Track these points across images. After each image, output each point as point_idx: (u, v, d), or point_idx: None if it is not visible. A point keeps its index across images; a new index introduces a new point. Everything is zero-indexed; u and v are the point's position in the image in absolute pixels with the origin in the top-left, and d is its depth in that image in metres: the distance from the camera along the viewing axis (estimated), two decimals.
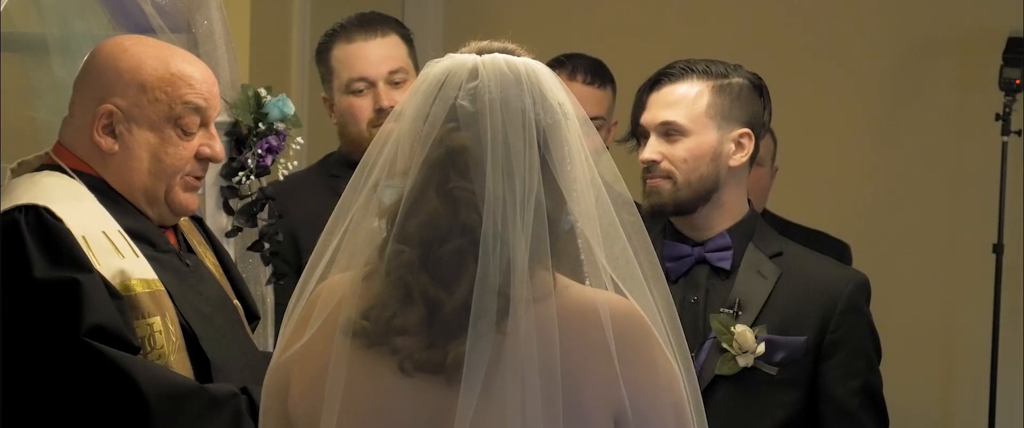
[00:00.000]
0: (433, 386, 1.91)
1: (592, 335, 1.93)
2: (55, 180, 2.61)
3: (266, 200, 3.33)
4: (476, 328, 1.89)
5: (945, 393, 5.42)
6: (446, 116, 1.94)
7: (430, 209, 1.92)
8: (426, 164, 1.93)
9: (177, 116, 2.63)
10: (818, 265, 2.95)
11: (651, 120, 2.90)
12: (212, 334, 2.63)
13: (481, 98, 1.94)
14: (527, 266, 1.90)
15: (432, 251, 1.91)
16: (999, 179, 4.86)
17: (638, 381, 1.94)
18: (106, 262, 2.51)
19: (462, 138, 1.93)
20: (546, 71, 2.00)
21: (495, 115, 1.93)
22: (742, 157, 2.91)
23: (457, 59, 1.99)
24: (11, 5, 2.92)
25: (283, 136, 3.32)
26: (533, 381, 1.89)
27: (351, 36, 3.59)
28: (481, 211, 1.90)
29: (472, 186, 1.91)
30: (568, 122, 1.98)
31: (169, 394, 2.45)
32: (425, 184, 1.93)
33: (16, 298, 2.46)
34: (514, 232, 1.90)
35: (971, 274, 5.18)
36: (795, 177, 4.59)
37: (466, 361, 1.88)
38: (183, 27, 3.26)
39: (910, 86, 5.38)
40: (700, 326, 2.85)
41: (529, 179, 1.92)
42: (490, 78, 1.95)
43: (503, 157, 1.92)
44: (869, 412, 2.88)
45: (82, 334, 2.42)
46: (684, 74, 2.90)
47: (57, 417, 2.47)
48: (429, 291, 1.91)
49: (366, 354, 1.93)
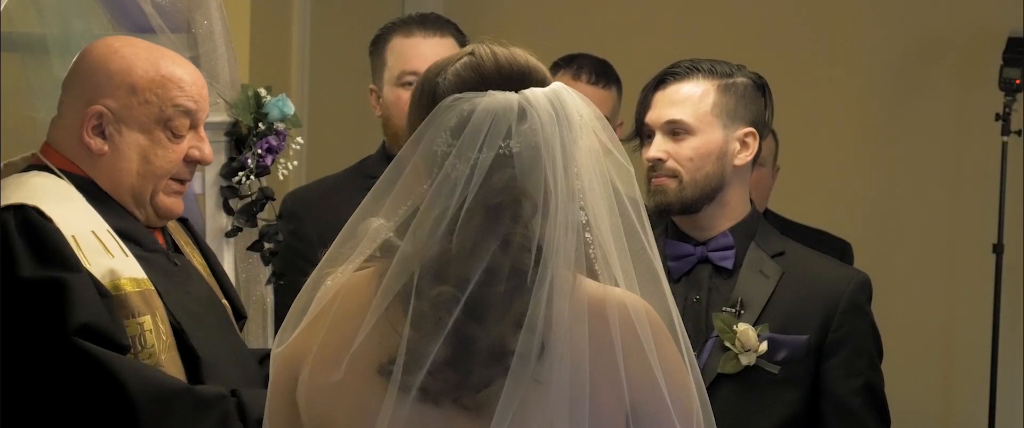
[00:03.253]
0: (461, 418, 1.91)
1: (606, 332, 1.93)
2: (44, 180, 2.61)
3: (266, 200, 3.33)
4: (515, 369, 1.88)
5: (945, 393, 5.43)
6: (499, 162, 1.93)
7: (485, 253, 1.90)
8: (482, 210, 1.91)
9: (167, 119, 2.63)
10: (820, 264, 2.95)
11: (657, 119, 2.89)
12: (202, 333, 2.63)
13: (535, 142, 1.94)
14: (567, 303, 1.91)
15: (480, 292, 1.90)
16: (999, 179, 4.87)
17: (650, 378, 1.94)
18: (96, 261, 2.51)
19: (521, 186, 1.92)
20: (567, 92, 2.01)
21: (551, 158, 1.93)
22: (747, 156, 2.91)
23: (500, 100, 1.96)
24: (11, 5, 2.92)
25: (283, 136, 3.32)
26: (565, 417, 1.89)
27: (410, 31, 3.61)
28: (531, 252, 1.91)
29: (527, 231, 1.91)
30: (584, 133, 1.99)
31: (157, 394, 2.45)
32: (481, 231, 1.91)
33: (3, 298, 2.45)
34: (560, 271, 1.91)
35: (971, 274, 5.19)
36: (795, 177, 4.59)
37: (501, 400, 1.88)
38: (183, 27, 3.26)
39: (910, 86, 5.38)
40: (702, 325, 2.85)
41: (573, 215, 1.94)
42: (538, 119, 1.95)
43: (554, 200, 1.93)
44: (871, 411, 2.88)
45: (70, 333, 2.42)
46: (689, 73, 2.90)
47: (44, 416, 2.46)
48: (463, 328, 1.90)
49: (396, 391, 1.92)
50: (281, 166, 3.39)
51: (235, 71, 3.32)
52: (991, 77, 4.90)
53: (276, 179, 3.44)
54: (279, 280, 3.38)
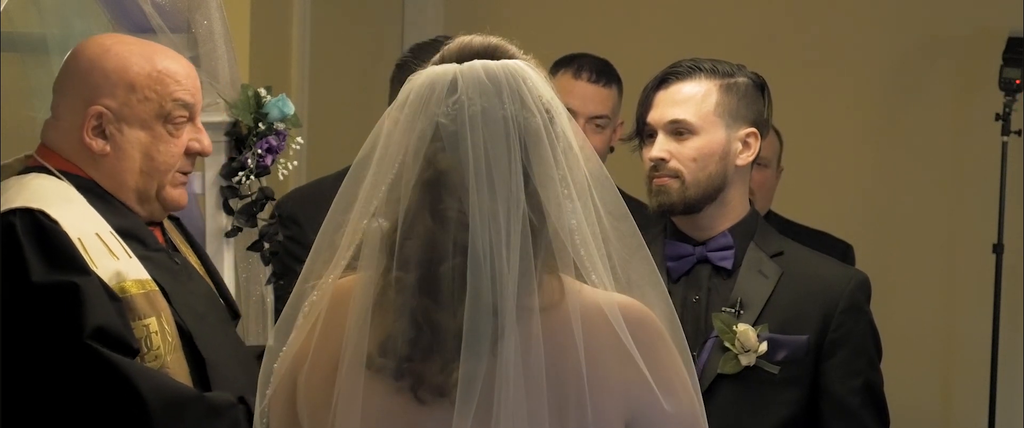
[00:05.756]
0: (444, 411, 1.89)
1: (605, 337, 1.92)
2: (44, 182, 2.60)
3: (266, 200, 3.33)
4: (471, 349, 1.87)
5: (945, 393, 5.42)
6: (432, 134, 1.92)
7: (425, 230, 1.90)
8: (418, 185, 1.91)
9: (167, 113, 2.63)
10: (819, 264, 2.95)
11: (659, 118, 2.89)
12: (206, 333, 2.63)
13: (461, 114, 1.91)
14: (517, 281, 1.88)
15: (430, 273, 1.89)
16: (999, 179, 4.86)
17: (651, 382, 1.93)
18: (102, 264, 2.50)
19: (447, 159, 1.91)
20: (528, 71, 1.97)
21: (476, 131, 1.90)
22: (748, 157, 2.91)
23: (437, 71, 1.96)
24: (11, 5, 2.92)
25: (283, 136, 3.32)
26: (541, 397, 1.87)
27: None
28: (470, 231, 1.88)
29: (460, 205, 1.89)
30: (555, 121, 1.95)
31: (170, 401, 2.45)
32: (419, 206, 1.91)
33: (15, 303, 2.44)
34: (502, 248, 1.88)
35: (971, 274, 5.19)
36: (795, 177, 4.59)
37: (459, 383, 1.86)
38: (183, 27, 3.26)
39: (910, 86, 5.38)
40: (702, 325, 2.84)
41: (515, 191, 1.90)
42: (470, 89, 1.92)
43: (486, 174, 1.89)
44: (870, 410, 2.88)
45: (86, 337, 2.40)
46: (691, 73, 2.90)
47: (55, 421, 2.45)
48: (431, 315, 1.90)
49: (382, 385, 1.92)
50: (281, 166, 3.38)
51: (235, 71, 3.32)
52: (991, 77, 4.90)
53: (276, 179, 3.44)
54: (278, 280, 3.38)
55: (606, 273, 1.96)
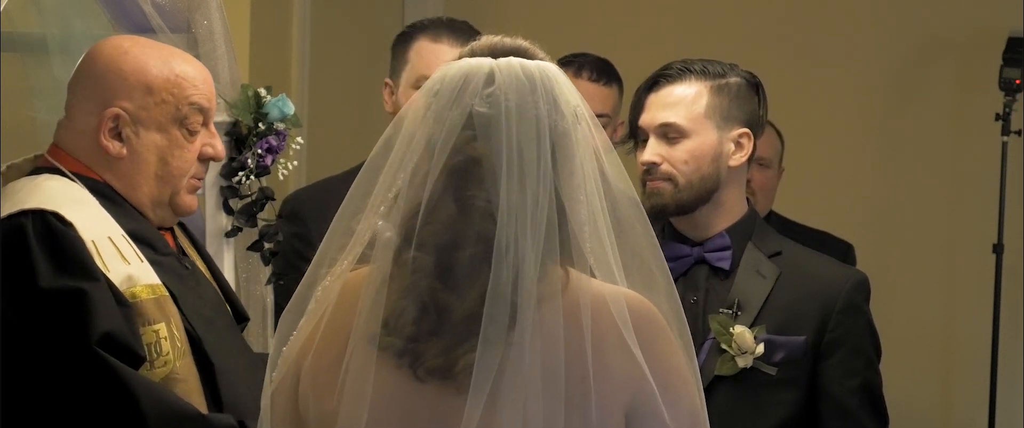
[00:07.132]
0: (445, 393, 1.92)
1: (606, 328, 1.94)
2: (57, 183, 2.58)
3: (266, 200, 3.33)
4: (486, 335, 1.89)
5: (945, 393, 5.42)
6: (464, 123, 1.94)
7: (447, 217, 1.92)
8: (445, 172, 1.93)
9: (183, 117, 2.62)
10: (817, 264, 2.95)
11: (650, 122, 2.89)
12: (214, 338, 2.61)
13: (497, 105, 1.94)
14: (535, 274, 1.91)
15: (447, 258, 1.92)
16: (999, 179, 4.87)
17: (651, 375, 1.94)
18: (114, 268, 2.48)
19: (479, 148, 1.93)
20: (560, 74, 2.01)
21: (511, 123, 1.93)
22: (742, 157, 2.90)
23: (473, 63, 1.99)
24: (11, 5, 2.92)
25: (283, 136, 3.32)
26: (539, 387, 1.89)
27: (439, 36, 3.57)
28: (496, 220, 1.91)
29: (488, 195, 1.92)
30: (580, 125, 1.99)
31: (169, 417, 2.43)
32: (443, 192, 1.93)
33: (20, 307, 2.42)
34: (526, 241, 1.91)
35: (971, 274, 5.19)
36: (795, 177, 4.59)
37: (475, 369, 1.88)
38: (183, 27, 3.26)
39: (910, 86, 5.38)
40: (699, 326, 2.84)
41: (542, 188, 1.93)
42: (506, 84, 1.96)
43: (518, 167, 1.92)
44: (868, 411, 2.88)
45: (93, 343, 2.38)
46: (682, 75, 2.90)
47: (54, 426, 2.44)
48: (440, 297, 1.92)
49: (385, 363, 1.93)
50: (281, 166, 3.39)
51: (235, 71, 3.32)
52: (991, 77, 4.90)
53: (276, 179, 3.45)
54: (279, 280, 3.38)
55: (618, 271, 1.98)
